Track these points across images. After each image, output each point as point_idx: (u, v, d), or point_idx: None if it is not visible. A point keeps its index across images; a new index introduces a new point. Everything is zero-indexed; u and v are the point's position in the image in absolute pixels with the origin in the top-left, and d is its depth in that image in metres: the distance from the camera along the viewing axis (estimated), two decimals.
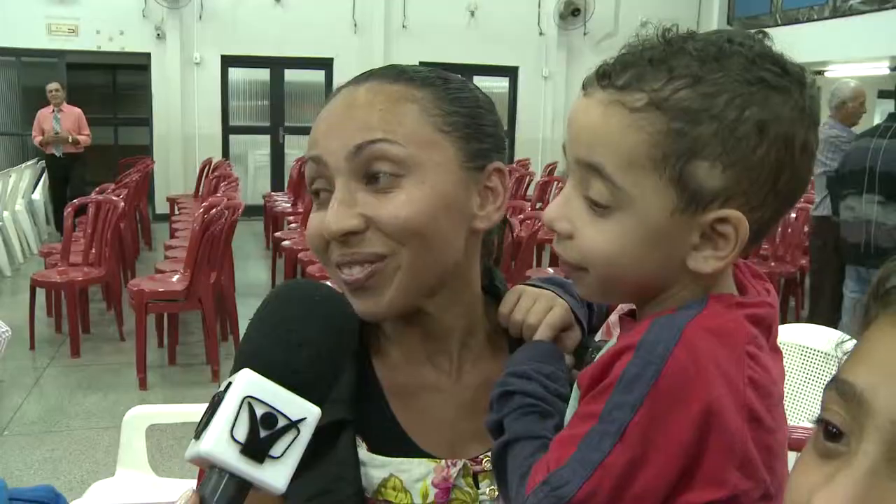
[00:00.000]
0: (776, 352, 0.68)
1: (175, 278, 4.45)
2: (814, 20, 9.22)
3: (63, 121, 8.17)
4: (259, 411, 0.56)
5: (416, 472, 0.77)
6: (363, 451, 0.78)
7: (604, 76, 0.65)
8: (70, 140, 8.14)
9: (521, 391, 0.72)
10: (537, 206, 6.43)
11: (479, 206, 0.78)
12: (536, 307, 0.80)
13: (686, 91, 0.61)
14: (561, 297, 0.82)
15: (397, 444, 0.79)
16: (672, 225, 0.63)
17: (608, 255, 0.65)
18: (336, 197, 0.73)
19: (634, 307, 0.73)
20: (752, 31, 0.66)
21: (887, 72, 8.26)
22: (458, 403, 0.82)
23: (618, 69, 0.64)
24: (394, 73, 0.78)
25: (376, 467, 0.78)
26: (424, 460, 0.78)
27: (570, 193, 0.67)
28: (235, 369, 0.60)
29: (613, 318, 0.79)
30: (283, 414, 0.57)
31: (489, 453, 0.77)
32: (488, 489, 0.78)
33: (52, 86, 8.16)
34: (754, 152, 0.61)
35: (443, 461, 0.78)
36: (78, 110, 8.34)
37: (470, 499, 0.78)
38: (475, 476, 0.78)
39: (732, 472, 0.60)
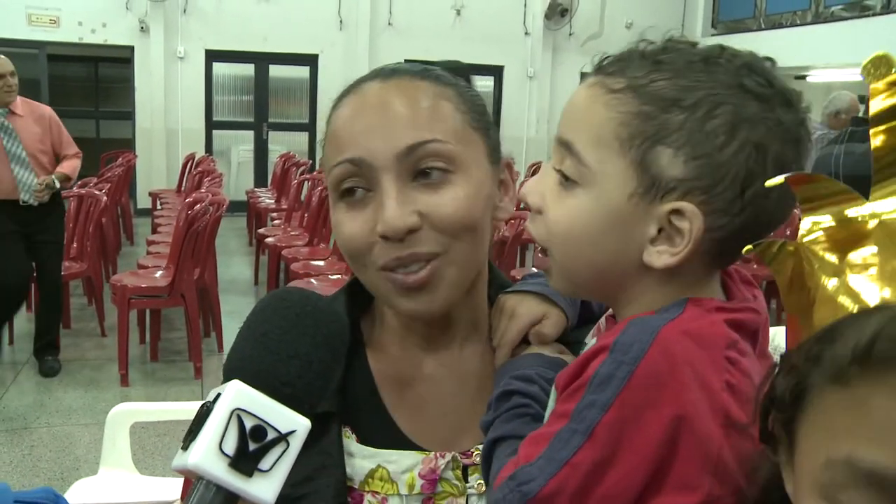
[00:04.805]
0: (765, 358, 0.68)
1: (158, 274, 4.43)
2: (797, 25, 9.29)
3: (22, 133, 4.08)
4: (248, 424, 0.56)
5: (403, 464, 0.78)
6: (352, 443, 0.79)
7: (599, 65, 0.68)
8: (53, 184, 4.15)
9: (520, 392, 0.73)
10: (521, 207, 6.44)
11: (499, 199, 0.80)
12: (496, 328, 0.82)
13: (664, 82, 0.63)
14: (531, 290, 0.82)
15: (387, 435, 0.79)
16: (629, 209, 0.64)
17: (565, 230, 0.67)
18: (390, 195, 0.72)
19: None
20: (762, 56, 0.67)
21: None
22: (454, 396, 0.82)
23: (612, 60, 0.67)
24: (419, 71, 0.78)
25: (365, 458, 0.79)
26: (413, 452, 0.79)
27: (546, 170, 0.70)
28: (224, 379, 0.59)
29: (602, 320, 0.79)
30: (272, 426, 0.56)
31: (481, 447, 0.79)
32: (477, 483, 0.78)
33: (4, 67, 4.02)
34: (721, 150, 0.61)
35: (431, 453, 0.79)
36: (47, 110, 4.34)
37: (457, 492, 0.78)
38: (465, 469, 0.79)
39: (705, 477, 0.60)
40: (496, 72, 10.67)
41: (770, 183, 0.54)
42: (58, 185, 4.19)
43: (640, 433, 0.59)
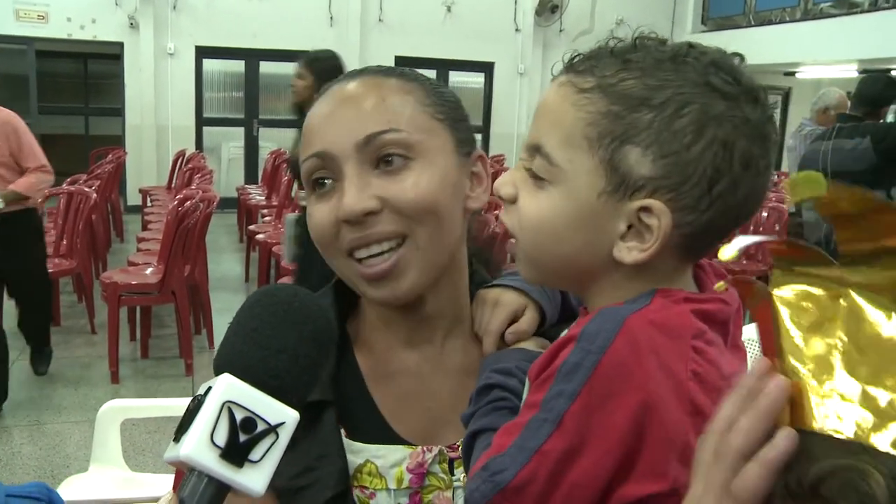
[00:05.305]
0: (737, 349, 0.69)
1: (148, 271, 4.42)
2: (786, 22, 9.35)
3: None
4: (239, 416, 0.57)
5: (391, 458, 0.79)
6: (341, 438, 0.80)
7: (570, 63, 0.69)
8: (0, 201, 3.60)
9: (500, 385, 0.74)
10: None
11: (469, 189, 0.82)
12: (479, 318, 0.84)
13: (632, 81, 0.64)
14: (510, 284, 0.84)
15: (375, 430, 0.81)
16: (599, 206, 0.65)
17: (535, 224, 0.68)
18: (351, 181, 0.76)
19: None
20: (730, 53, 0.67)
21: (855, 74, 8.39)
22: (438, 390, 0.84)
23: (583, 58, 0.68)
24: (383, 70, 0.83)
25: (353, 453, 0.80)
26: (401, 447, 0.80)
27: (519, 165, 0.72)
28: (215, 373, 0.60)
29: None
30: (262, 418, 0.58)
31: None
32: (462, 476, 0.79)
33: None
34: (689, 149, 0.62)
35: (419, 447, 0.80)
36: (4, 115, 3.68)
37: (444, 485, 0.80)
38: (451, 463, 0.80)
39: (673, 464, 0.60)
40: (487, 68, 10.68)
41: (725, 258, 0.54)
42: (1, 204, 3.55)
43: (608, 421, 0.60)
